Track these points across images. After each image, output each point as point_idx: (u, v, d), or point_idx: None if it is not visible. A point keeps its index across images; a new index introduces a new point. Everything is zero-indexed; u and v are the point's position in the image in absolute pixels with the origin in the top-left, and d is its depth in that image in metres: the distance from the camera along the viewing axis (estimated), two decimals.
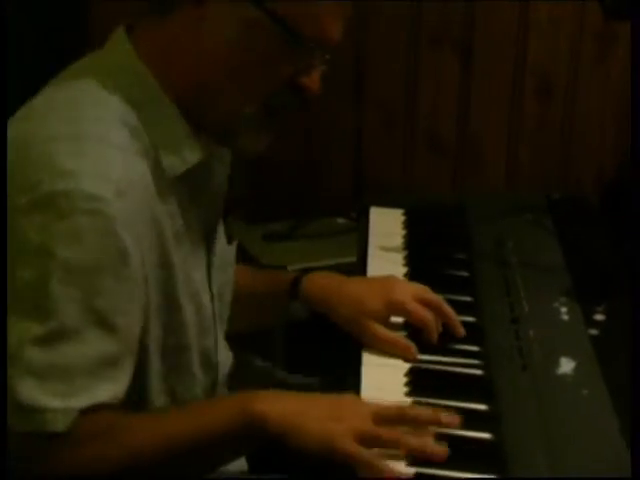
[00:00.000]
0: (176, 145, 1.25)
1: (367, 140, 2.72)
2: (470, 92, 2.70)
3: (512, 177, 2.77)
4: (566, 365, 1.35)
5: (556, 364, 1.36)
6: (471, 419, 1.26)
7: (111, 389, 1.18)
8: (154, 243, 1.23)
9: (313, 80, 1.26)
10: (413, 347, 1.40)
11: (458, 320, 1.45)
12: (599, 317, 1.47)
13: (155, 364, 1.29)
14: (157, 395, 1.31)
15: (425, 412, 1.22)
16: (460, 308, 1.49)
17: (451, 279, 1.61)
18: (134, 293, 1.19)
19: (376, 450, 1.16)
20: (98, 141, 1.17)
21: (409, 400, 1.29)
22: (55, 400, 1.13)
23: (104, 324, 1.16)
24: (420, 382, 1.33)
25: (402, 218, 1.83)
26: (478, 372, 1.36)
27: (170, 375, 1.32)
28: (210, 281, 1.39)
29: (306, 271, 1.54)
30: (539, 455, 1.18)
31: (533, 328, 1.43)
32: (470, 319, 1.48)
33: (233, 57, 1.22)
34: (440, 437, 1.21)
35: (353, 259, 1.75)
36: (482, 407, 1.29)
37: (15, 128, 1.21)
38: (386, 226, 1.80)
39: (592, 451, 1.20)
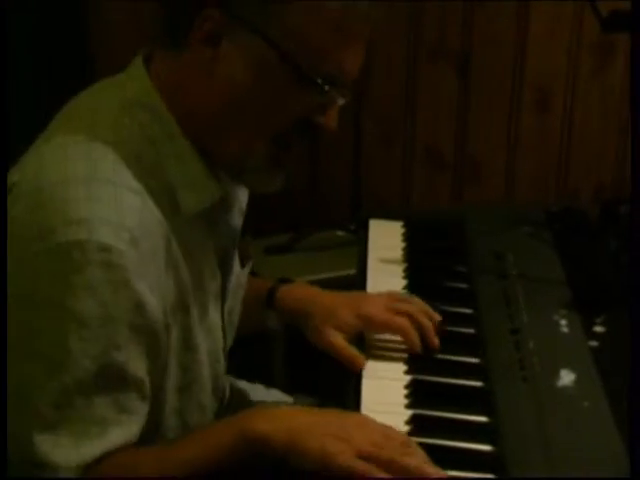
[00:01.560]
0: (193, 183, 1.22)
1: (366, 154, 2.72)
2: (469, 106, 2.70)
3: (511, 190, 2.77)
4: (566, 377, 1.36)
5: (556, 376, 1.36)
6: (471, 431, 1.26)
7: (123, 434, 1.17)
8: (172, 288, 1.21)
9: (330, 117, 1.22)
10: (362, 359, 1.40)
11: (433, 330, 1.44)
12: (599, 329, 1.47)
13: (171, 402, 1.28)
14: (170, 430, 1.29)
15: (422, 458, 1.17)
16: (460, 320, 1.49)
17: (451, 291, 1.61)
18: (150, 344, 1.18)
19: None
20: (111, 184, 1.14)
21: (409, 412, 1.29)
22: (69, 454, 1.13)
23: (119, 376, 1.15)
24: (421, 394, 1.33)
25: (401, 231, 1.83)
26: (478, 384, 1.36)
27: (185, 410, 1.30)
28: (223, 310, 1.36)
29: (284, 281, 1.53)
30: (539, 467, 1.18)
31: (533, 340, 1.43)
32: (470, 331, 1.48)
33: (244, 96, 1.18)
34: (440, 448, 1.21)
35: (353, 271, 1.76)
36: (482, 419, 1.29)
37: (25, 170, 1.18)
38: (386, 239, 1.80)
39: (593, 463, 1.20)
